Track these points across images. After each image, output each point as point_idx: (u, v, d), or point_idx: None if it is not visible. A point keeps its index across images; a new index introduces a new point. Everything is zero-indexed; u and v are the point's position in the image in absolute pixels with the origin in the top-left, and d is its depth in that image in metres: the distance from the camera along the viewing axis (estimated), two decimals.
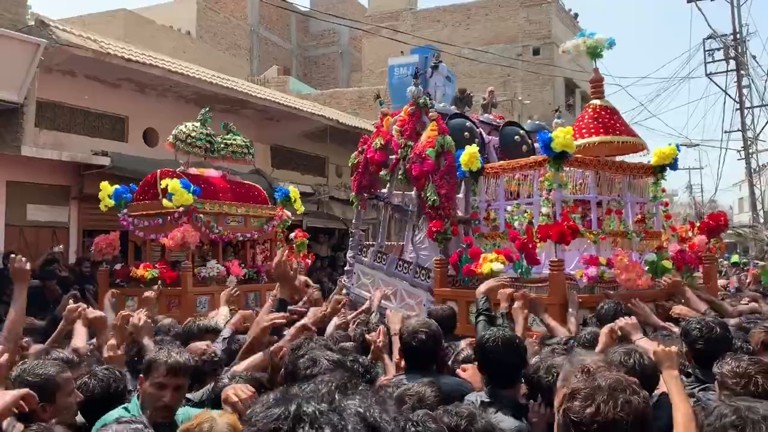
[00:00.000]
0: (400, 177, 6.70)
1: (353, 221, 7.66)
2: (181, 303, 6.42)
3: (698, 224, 6.58)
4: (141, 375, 2.81)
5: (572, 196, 5.68)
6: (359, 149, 7.24)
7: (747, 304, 5.53)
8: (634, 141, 6.21)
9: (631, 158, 6.56)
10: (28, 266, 3.64)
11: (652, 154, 6.03)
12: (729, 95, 22.72)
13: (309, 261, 8.22)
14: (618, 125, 6.16)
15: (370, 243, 7.59)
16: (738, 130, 22.79)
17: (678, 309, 4.58)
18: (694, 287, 5.33)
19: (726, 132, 28.12)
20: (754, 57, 28.79)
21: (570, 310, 4.58)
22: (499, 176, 5.94)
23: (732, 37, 21.64)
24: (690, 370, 3.02)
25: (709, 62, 22.75)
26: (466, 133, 6.87)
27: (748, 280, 9.30)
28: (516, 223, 5.85)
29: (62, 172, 9.62)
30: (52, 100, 9.60)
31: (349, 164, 7.45)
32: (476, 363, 3.07)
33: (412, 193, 7.07)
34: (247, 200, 7.44)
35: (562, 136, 5.07)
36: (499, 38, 25.02)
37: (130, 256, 7.24)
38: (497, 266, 5.27)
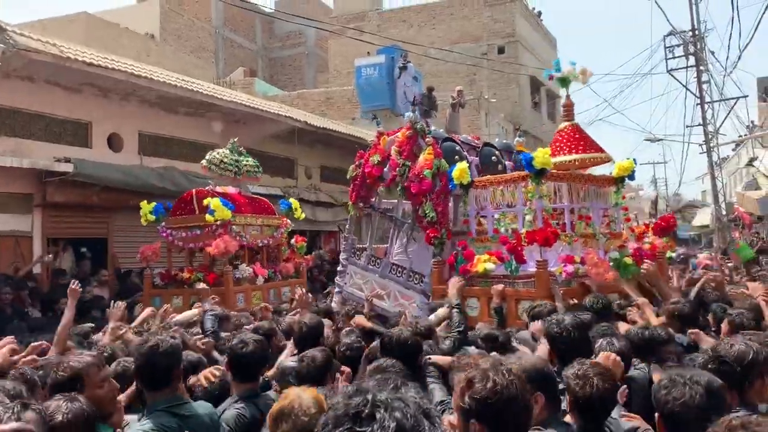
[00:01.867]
0: (398, 192, 7.57)
1: (347, 226, 8.56)
2: (224, 300, 7.19)
3: (652, 225, 7.54)
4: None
5: (550, 204, 6.41)
6: (356, 163, 8.00)
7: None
8: (601, 156, 7.18)
9: (602, 169, 7.58)
10: (79, 287, 4.82)
11: (614, 166, 6.95)
12: (690, 90, 23.17)
13: (310, 261, 9.67)
14: (586, 143, 7.10)
15: (363, 246, 8.22)
16: (699, 125, 23.25)
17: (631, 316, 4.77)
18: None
19: (688, 126, 28.68)
20: (712, 53, 29.47)
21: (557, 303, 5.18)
22: (487, 188, 6.82)
23: (691, 33, 22.10)
24: (556, 369, 3.03)
25: (670, 58, 23.16)
26: (456, 156, 7.66)
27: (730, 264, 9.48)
28: (503, 229, 6.70)
29: (24, 179, 9.39)
30: (12, 106, 9.37)
31: (348, 177, 8.19)
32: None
33: (407, 205, 8.07)
34: (261, 212, 8.68)
35: (541, 155, 6.01)
36: (465, 37, 25.20)
37: (168, 261, 8.43)
38: (490, 266, 6.19)
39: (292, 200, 9.44)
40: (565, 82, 7.16)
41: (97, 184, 9.93)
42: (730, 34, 34.21)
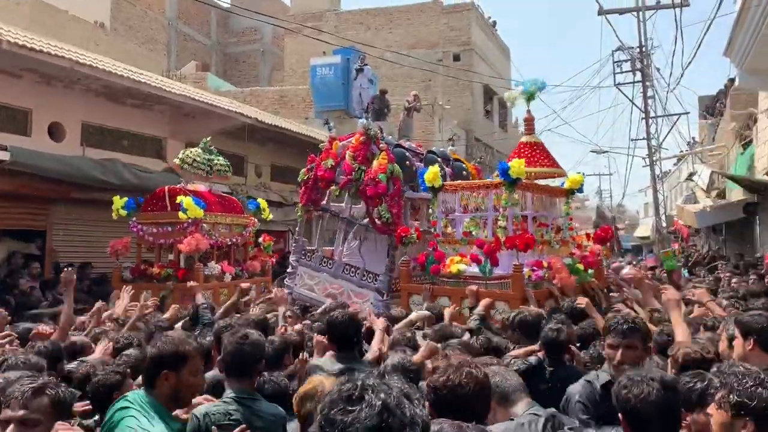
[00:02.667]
0: (351, 195, 7.99)
1: (297, 229, 8.86)
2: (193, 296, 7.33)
3: (593, 235, 8.05)
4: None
5: (519, 212, 6.80)
6: (308, 166, 8.28)
7: None
8: (557, 171, 7.71)
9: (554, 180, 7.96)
10: (73, 276, 5.29)
11: (566, 179, 7.39)
12: (635, 105, 23.88)
13: (273, 260, 9.96)
14: (544, 157, 7.53)
15: (312, 248, 8.51)
16: (643, 138, 23.97)
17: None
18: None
19: (632, 140, 29.56)
20: (658, 69, 30.58)
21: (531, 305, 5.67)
22: (456, 193, 7.13)
23: (638, 49, 22.78)
24: None
25: (618, 73, 23.82)
26: (407, 162, 8.05)
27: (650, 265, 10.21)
28: (474, 232, 7.06)
29: None
30: None
31: (299, 179, 8.43)
32: None
33: (356, 209, 8.53)
34: (230, 211, 8.89)
35: (516, 166, 6.40)
36: (421, 43, 25.36)
37: (138, 256, 8.62)
38: (462, 267, 6.57)
39: (260, 200, 9.71)
40: (528, 96, 7.57)
41: (36, 174, 9.56)
42: (674, 51, 35.47)
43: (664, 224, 26.09)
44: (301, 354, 4.04)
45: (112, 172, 10.52)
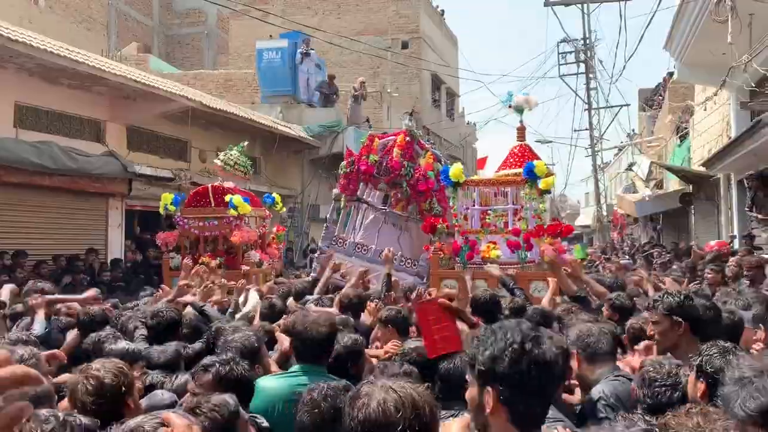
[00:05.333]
0: (405, 190, 8.70)
1: (328, 216, 9.49)
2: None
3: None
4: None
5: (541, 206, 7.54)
6: (348, 160, 8.96)
7: None
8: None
9: None
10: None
11: (541, 181, 7.78)
12: (579, 96, 24.45)
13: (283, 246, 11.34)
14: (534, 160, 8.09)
15: (343, 236, 9.02)
16: (586, 129, 24.58)
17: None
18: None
19: (575, 131, 30.19)
20: (600, 62, 31.17)
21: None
22: (476, 188, 7.84)
23: (582, 42, 23.27)
24: None
25: (563, 64, 24.31)
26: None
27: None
28: (500, 224, 7.79)
29: None
30: None
31: (340, 171, 9.05)
32: None
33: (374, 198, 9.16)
34: (256, 205, 9.56)
35: (540, 166, 7.25)
36: (369, 29, 25.20)
37: (182, 248, 9.11)
38: (498, 252, 7.30)
39: (275, 194, 10.45)
40: (519, 110, 8.27)
41: None
42: (617, 44, 36.39)
43: (605, 213, 26.81)
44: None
45: (48, 155, 10.06)
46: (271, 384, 3.23)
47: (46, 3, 21.77)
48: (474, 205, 7.91)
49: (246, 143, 9.91)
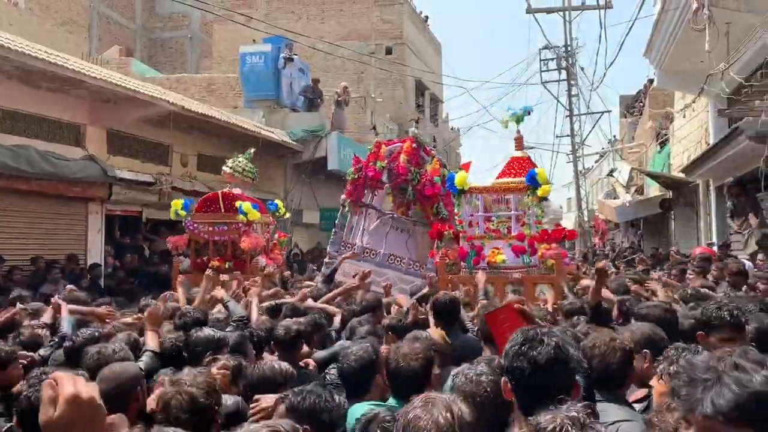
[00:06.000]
0: (409, 194, 8.96)
1: (337, 222, 9.56)
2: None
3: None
4: None
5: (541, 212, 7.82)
6: (356, 166, 9.20)
7: None
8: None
9: None
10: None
11: (540, 188, 8.03)
12: (560, 102, 24.65)
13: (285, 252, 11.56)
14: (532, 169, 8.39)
15: (350, 241, 9.23)
16: (567, 135, 24.78)
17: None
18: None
19: (557, 137, 30.40)
20: (582, 68, 31.44)
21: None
22: (480, 195, 7.95)
23: (564, 49, 23.48)
24: None
25: (545, 71, 24.50)
26: None
27: None
28: (501, 229, 7.89)
29: None
30: None
31: (347, 177, 9.32)
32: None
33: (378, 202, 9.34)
34: (262, 212, 9.61)
35: (541, 173, 7.63)
36: (353, 35, 25.24)
37: (192, 251, 9.39)
38: (503, 257, 7.55)
39: (278, 201, 10.58)
40: (518, 120, 8.45)
41: None
42: (597, 51, 36.76)
43: (586, 219, 27.00)
44: None
45: (26, 159, 9.93)
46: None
47: (26, 5, 21.53)
48: (479, 212, 8.10)
49: (253, 150, 10.14)
